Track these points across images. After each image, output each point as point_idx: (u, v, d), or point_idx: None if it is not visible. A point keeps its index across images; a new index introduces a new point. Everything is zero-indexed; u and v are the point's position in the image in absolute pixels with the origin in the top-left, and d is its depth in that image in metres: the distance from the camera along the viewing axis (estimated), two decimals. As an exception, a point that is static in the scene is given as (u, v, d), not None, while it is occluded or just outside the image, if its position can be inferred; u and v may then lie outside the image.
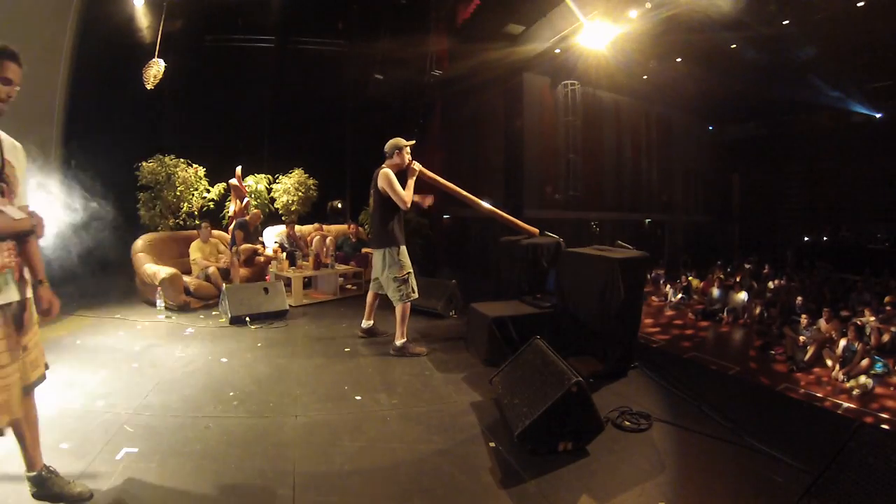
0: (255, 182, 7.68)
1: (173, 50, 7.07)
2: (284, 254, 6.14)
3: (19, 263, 1.75)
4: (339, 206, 8.69)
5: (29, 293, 1.79)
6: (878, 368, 6.53)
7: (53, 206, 3.68)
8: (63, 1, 6.01)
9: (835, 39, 10.25)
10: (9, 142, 1.80)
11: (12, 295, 1.71)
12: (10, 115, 1.69)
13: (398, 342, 3.75)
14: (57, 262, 4.13)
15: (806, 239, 15.57)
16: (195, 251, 5.71)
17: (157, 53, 6.66)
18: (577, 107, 13.62)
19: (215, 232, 6.27)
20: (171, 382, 3.11)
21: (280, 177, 7.94)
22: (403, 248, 3.81)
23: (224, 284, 5.07)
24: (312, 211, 8.18)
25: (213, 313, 5.04)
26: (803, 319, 7.73)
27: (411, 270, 3.81)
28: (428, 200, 4.15)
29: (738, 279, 10.93)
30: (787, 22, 9.39)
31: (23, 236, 1.74)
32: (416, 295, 3.81)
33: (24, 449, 1.84)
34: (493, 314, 3.66)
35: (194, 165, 7.03)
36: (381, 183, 3.70)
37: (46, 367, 1.90)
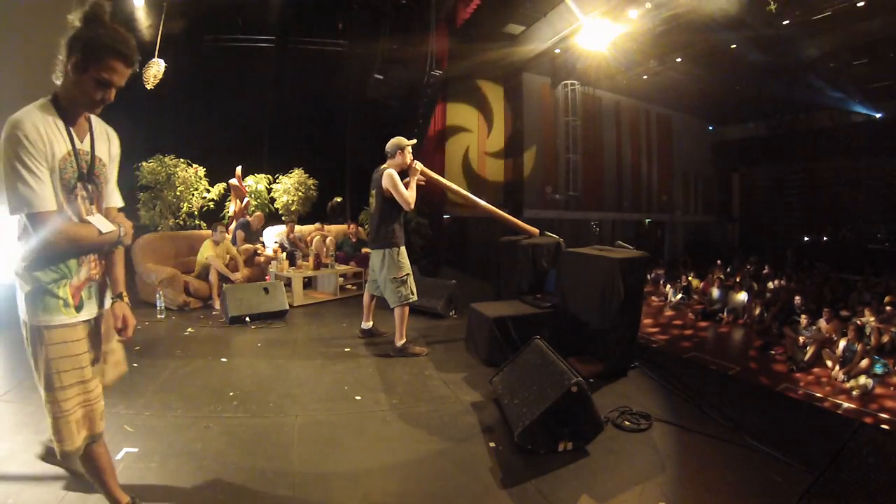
0: (255, 182, 7.70)
1: (173, 50, 7.06)
2: (284, 254, 6.14)
3: (104, 275, 1.62)
4: (340, 199, 8.67)
5: (107, 304, 1.65)
6: (878, 369, 6.53)
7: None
8: (63, 1, 6.01)
9: (835, 39, 10.25)
10: (101, 133, 1.57)
11: (94, 309, 1.60)
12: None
13: (398, 343, 3.74)
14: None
15: (806, 239, 15.58)
16: (208, 250, 5.50)
17: (157, 53, 6.65)
18: (577, 107, 13.63)
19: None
20: (171, 382, 3.10)
21: (280, 177, 7.96)
22: (403, 250, 3.78)
23: (224, 284, 5.07)
24: (312, 211, 8.18)
25: (213, 313, 5.05)
26: (803, 319, 7.73)
27: (410, 272, 3.78)
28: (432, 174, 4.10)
29: (738, 279, 10.93)
30: (787, 22, 9.39)
31: (109, 247, 1.58)
32: (414, 297, 3.77)
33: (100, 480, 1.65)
34: (494, 314, 3.66)
35: (194, 165, 7.02)
36: (385, 183, 3.65)
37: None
